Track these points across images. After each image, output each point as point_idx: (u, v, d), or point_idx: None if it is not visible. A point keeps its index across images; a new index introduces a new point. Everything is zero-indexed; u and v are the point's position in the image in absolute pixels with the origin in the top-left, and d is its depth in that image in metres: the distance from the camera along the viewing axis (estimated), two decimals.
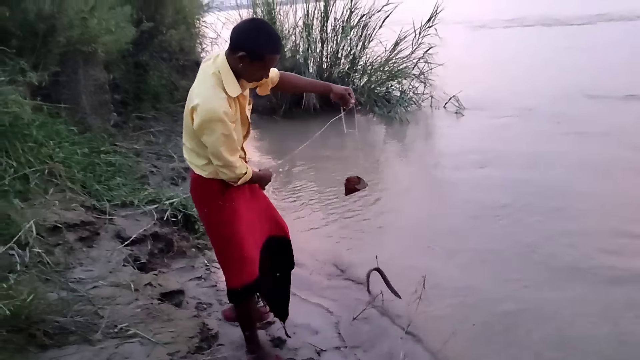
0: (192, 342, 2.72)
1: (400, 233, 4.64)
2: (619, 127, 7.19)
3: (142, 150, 6.26)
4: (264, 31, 2.31)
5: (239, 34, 2.32)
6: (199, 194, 2.64)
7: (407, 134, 8.25)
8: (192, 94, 2.39)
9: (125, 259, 3.65)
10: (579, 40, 15.85)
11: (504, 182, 5.59)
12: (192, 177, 2.65)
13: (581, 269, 3.81)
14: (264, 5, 9.72)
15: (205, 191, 2.58)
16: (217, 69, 2.36)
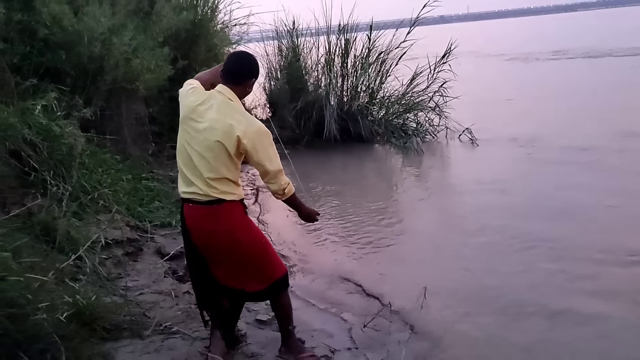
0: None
1: (409, 250, 5.14)
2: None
3: (177, 177, 6.84)
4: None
5: (244, 67, 2.80)
6: (232, 219, 2.79)
7: (423, 163, 8.73)
8: (221, 123, 2.64)
9: (165, 271, 4.19)
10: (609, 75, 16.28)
11: (506, 209, 6.03)
12: (202, 213, 2.74)
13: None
14: (288, 39, 10.41)
15: (237, 214, 2.82)
16: (228, 98, 2.72)
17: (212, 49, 9.23)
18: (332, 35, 10.20)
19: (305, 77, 10.21)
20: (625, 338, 3.49)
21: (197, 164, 2.70)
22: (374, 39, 10.00)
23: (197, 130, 2.70)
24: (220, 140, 2.65)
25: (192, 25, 8.33)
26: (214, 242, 2.82)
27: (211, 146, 2.66)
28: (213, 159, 2.68)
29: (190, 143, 2.72)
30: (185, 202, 2.81)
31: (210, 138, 2.66)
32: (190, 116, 2.74)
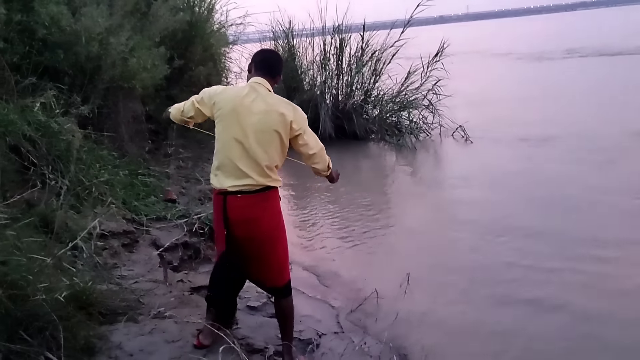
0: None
1: (397, 242, 5.35)
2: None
3: (173, 174, 7.00)
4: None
5: (279, 63, 3.06)
6: (276, 204, 2.95)
7: (416, 160, 8.89)
8: (273, 113, 2.80)
9: (160, 261, 4.33)
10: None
11: (494, 204, 6.22)
12: (251, 201, 2.82)
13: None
14: (284, 39, 10.58)
15: (277, 201, 2.96)
16: (267, 89, 2.90)
17: (208, 49, 9.39)
18: (327, 36, 10.37)
19: (300, 76, 10.38)
20: (596, 327, 3.64)
21: (253, 154, 2.79)
22: (368, 39, 10.16)
23: (249, 123, 2.79)
24: (277, 129, 2.81)
25: (188, 26, 8.49)
26: (257, 231, 2.89)
27: (267, 135, 2.80)
28: (269, 147, 2.81)
29: (242, 135, 2.80)
30: (230, 194, 2.83)
31: (267, 128, 2.79)
32: (238, 110, 2.82)
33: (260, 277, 3.10)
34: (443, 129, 10.08)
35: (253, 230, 2.88)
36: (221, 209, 2.88)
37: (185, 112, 3.15)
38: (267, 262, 3.01)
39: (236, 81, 11.13)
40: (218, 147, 2.91)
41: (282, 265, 3.07)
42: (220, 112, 2.88)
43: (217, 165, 2.90)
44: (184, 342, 3.12)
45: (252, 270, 3.06)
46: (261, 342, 3.38)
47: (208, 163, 8.12)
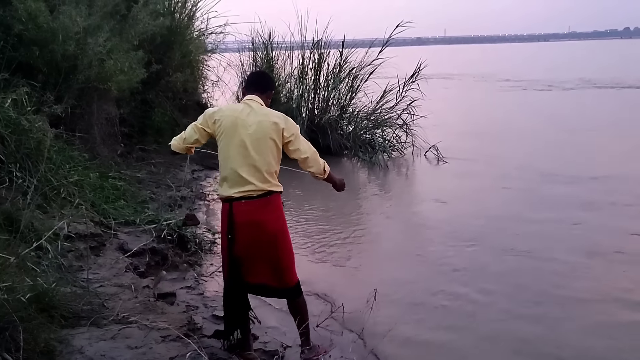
0: (181, 331, 3.32)
1: (365, 257, 5.43)
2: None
3: (144, 179, 6.93)
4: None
5: (268, 80, 3.44)
6: (277, 210, 3.19)
7: (387, 178, 8.98)
8: (269, 119, 3.11)
9: (127, 266, 4.28)
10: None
11: (464, 221, 6.34)
12: (256, 205, 3.08)
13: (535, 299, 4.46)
14: (263, 50, 10.63)
15: (279, 205, 3.23)
16: (260, 103, 3.20)
17: (186, 56, 9.39)
18: (306, 50, 10.44)
19: (278, 88, 10.41)
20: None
21: (253, 161, 3.06)
22: (346, 56, 10.27)
23: (247, 133, 3.08)
24: (271, 136, 3.10)
25: (168, 31, 8.48)
26: (261, 233, 3.11)
27: (264, 142, 3.09)
28: (266, 154, 3.10)
29: (242, 145, 3.07)
30: (235, 201, 3.08)
31: (262, 136, 3.09)
32: (236, 122, 3.11)
33: (270, 280, 3.25)
34: (416, 149, 10.21)
35: (258, 233, 3.11)
36: (227, 216, 3.12)
37: (188, 139, 3.31)
38: (275, 263, 3.21)
39: (213, 89, 11.15)
40: (221, 160, 3.16)
41: (291, 266, 3.28)
42: (221, 127, 3.14)
43: (223, 177, 3.15)
44: (147, 348, 3.07)
45: (261, 276, 3.21)
46: (225, 353, 3.35)
47: (180, 169, 8.10)
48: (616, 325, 3.97)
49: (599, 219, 6.23)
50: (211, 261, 5.10)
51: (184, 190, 7.16)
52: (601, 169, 8.46)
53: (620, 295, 4.40)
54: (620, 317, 4.08)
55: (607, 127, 12.73)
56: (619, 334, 3.83)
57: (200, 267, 4.95)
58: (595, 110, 16.09)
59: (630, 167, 8.57)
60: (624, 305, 4.27)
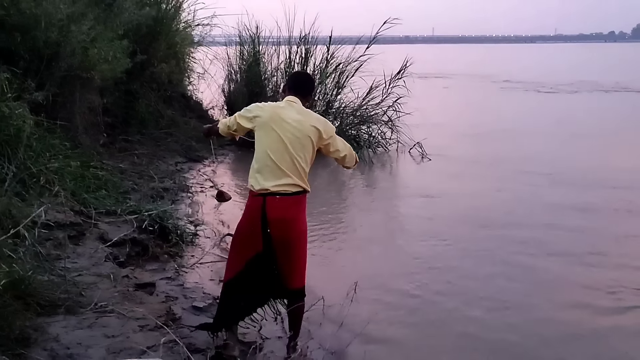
0: (159, 320, 3.30)
1: (347, 251, 5.48)
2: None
3: (126, 169, 6.87)
4: None
5: (310, 83, 3.58)
6: (304, 210, 3.26)
7: (372, 173, 9.01)
8: (308, 120, 3.19)
9: (106, 256, 4.24)
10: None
11: (441, 217, 6.44)
12: (289, 202, 3.12)
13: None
14: (250, 45, 10.59)
15: (305, 206, 3.28)
16: (299, 105, 3.27)
17: (172, 47, 9.33)
18: (293, 45, 10.41)
19: (264, 81, 10.38)
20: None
21: (291, 156, 3.12)
22: (333, 51, 10.26)
23: (287, 129, 3.14)
24: (310, 136, 3.17)
25: (154, 21, 8.40)
26: (292, 231, 3.17)
27: (303, 141, 3.15)
28: (304, 152, 3.16)
29: (281, 140, 3.13)
30: (269, 195, 3.09)
31: (302, 135, 3.15)
32: (276, 118, 3.17)
33: (285, 279, 3.25)
34: (401, 146, 10.25)
35: (288, 231, 3.15)
36: (259, 210, 3.10)
37: (231, 126, 3.38)
38: (295, 263, 3.25)
39: (199, 82, 11.09)
40: (259, 151, 3.17)
41: (304, 268, 3.34)
42: (260, 120, 3.20)
43: (258, 168, 3.15)
44: (124, 337, 3.06)
45: (285, 274, 3.22)
46: (203, 343, 3.34)
47: (163, 161, 8.05)
48: (593, 331, 3.99)
49: (580, 222, 6.27)
50: (192, 253, 5.07)
51: (166, 182, 7.13)
52: (592, 172, 8.52)
53: (594, 302, 4.40)
54: (598, 323, 4.10)
55: (599, 129, 12.88)
56: (596, 341, 3.87)
57: (181, 258, 4.91)
58: (591, 113, 16.17)
59: (618, 172, 8.67)
60: (598, 311, 4.27)
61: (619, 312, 4.24)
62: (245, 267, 3.20)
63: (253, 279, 3.19)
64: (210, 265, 4.82)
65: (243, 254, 3.21)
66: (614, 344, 3.78)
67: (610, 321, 4.09)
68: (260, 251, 3.15)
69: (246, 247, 3.20)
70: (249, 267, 3.18)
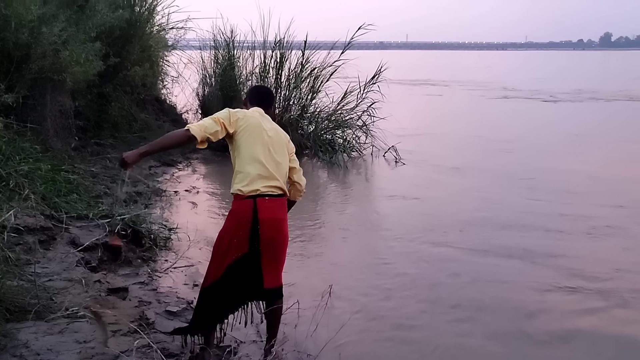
0: (132, 325, 3.26)
1: (323, 254, 5.52)
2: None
3: (99, 173, 6.78)
4: None
5: (270, 96, 3.61)
6: (285, 213, 3.28)
7: (347, 177, 9.06)
8: (280, 132, 3.35)
9: (78, 261, 4.18)
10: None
11: (420, 219, 6.51)
12: (277, 204, 3.18)
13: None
14: (225, 49, 10.56)
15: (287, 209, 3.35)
16: (267, 117, 3.38)
17: (146, 50, 9.24)
18: (268, 50, 10.42)
19: (239, 85, 10.35)
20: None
21: (276, 160, 3.20)
22: (308, 56, 10.29)
23: (269, 137, 3.22)
24: (286, 144, 3.34)
25: (127, 24, 8.31)
26: (280, 232, 3.22)
27: (283, 149, 3.29)
28: (284, 157, 3.28)
29: (266, 145, 3.19)
30: (258, 197, 3.10)
31: (281, 141, 3.29)
32: (259, 124, 3.22)
33: (265, 279, 3.22)
34: (375, 150, 10.33)
35: (278, 231, 3.19)
36: (250, 212, 3.09)
37: (210, 129, 3.13)
38: (277, 263, 3.29)
39: (173, 85, 11.00)
40: (246, 155, 3.15)
41: (282, 268, 3.36)
42: (246, 124, 3.20)
43: (247, 172, 3.12)
44: (96, 342, 3.02)
45: (266, 274, 3.22)
46: (177, 348, 3.32)
47: (136, 165, 7.91)
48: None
49: (551, 227, 6.34)
50: (166, 257, 5.02)
51: (140, 186, 7.05)
52: (568, 180, 8.59)
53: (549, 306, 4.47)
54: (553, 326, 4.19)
55: (569, 137, 13.12)
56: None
57: (155, 263, 4.86)
58: (562, 120, 16.43)
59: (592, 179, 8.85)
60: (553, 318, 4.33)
61: (582, 314, 4.34)
62: (225, 272, 3.15)
63: (232, 283, 3.16)
64: (184, 269, 4.78)
65: (224, 259, 3.15)
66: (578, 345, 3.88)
67: (571, 323, 4.18)
68: (245, 252, 3.12)
69: (229, 252, 3.14)
70: (228, 272, 3.14)
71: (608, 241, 5.92)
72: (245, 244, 3.11)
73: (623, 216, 6.71)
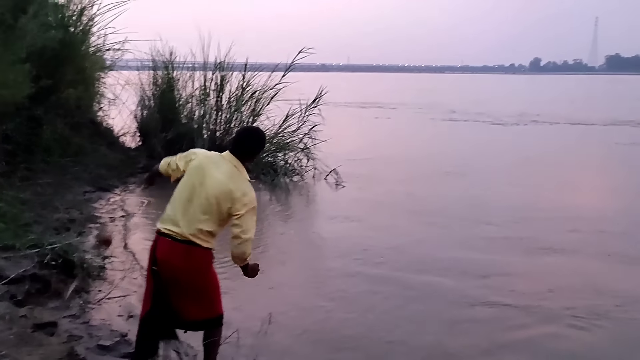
0: None
1: (263, 280, 5.26)
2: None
3: (28, 200, 6.47)
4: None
5: (251, 146, 3.21)
6: (198, 263, 3.12)
7: (288, 200, 9.06)
8: (227, 183, 3.01)
9: (2, 295, 3.95)
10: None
11: (359, 242, 6.54)
12: (177, 249, 3.03)
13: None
14: (164, 70, 10.42)
15: (206, 260, 3.16)
16: (234, 166, 3.08)
17: (81, 71, 8.99)
18: (209, 71, 10.36)
19: (178, 108, 10.21)
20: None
21: (193, 211, 3.03)
22: (249, 78, 10.29)
23: (203, 183, 3.04)
24: (219, 201, 3.00)
25: (60, 45, 8.07)
26: (179, 275, 3.06)
27: (210, 201, 3.01)
28: (208, 213, 3.02)
29: (193, 192, 3.05)
30: (161, 236, 3.07)
31: (212, 195, 3.00)
32: (201, 169, 3.08)
33: (185, 311, 3.16)
34: (317, 173, 10.38)
35: (175, 273, 3.06)
36: (152, 248, 3.12)
37: (171, 164, 3.32)
38: (194, 299, 3.16)
39: (109, 108, 10.74)
40: (174, 194, 3.14)
41: (213, 300, 3.25)
42: (191, 165, 3.15)
43: (166, 209, 3.13)
44: None
45: (181, 308, 3.14)
46: None
47: (69, 191, 7.66)
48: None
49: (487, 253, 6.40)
50: (99, 287, 4.83)
51: (73, 212, 6.78)
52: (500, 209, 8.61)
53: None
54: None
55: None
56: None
57: (87, 294, 4.66)
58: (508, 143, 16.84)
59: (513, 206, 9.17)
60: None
61: (509, 330, 4.46)
62: (152, 302, 3.13)
63: (160, 313, 3.12)
64: (118, 300, 4.60)
65: (149, 290, 3.17)
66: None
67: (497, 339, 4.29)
68: (153, 284, 3.13)
69: (149, 283, 3.18)
70: (154, 302, 3.13)
71: (546, 262, 6.06)
72: (150, 277, 3.14)
73: (568, 239, 6.84)
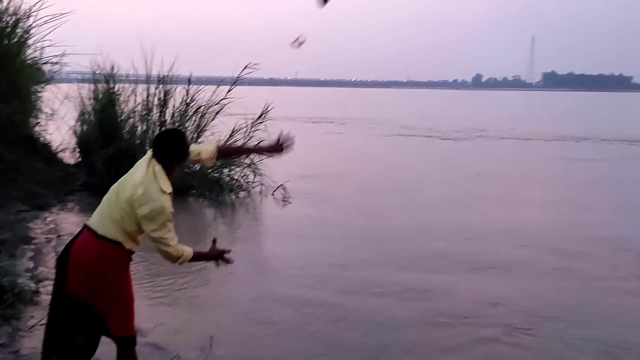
0: None
1: (206, 301, 5.35)
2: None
3: None
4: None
5: (166, 148, 3.02)
6: (111, 263, 2.97)
7: (234, 217, 8.97)
8: (136, 187, 2.90)
9: None
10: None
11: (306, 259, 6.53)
12: (103, 245, 2.90)
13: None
14: (105, 84, 10.15)
15: (119, 261, 3.00)
16: (153, 171, 2.95)
17: (15, 85, 8.65)
18: (152, 85, 10.15)
19: (120, 123, 9.95)
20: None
21: (110, 211, 2.95)
22: (194, 93, 10.15)
23: (124, 183, 2.99)
24: (125, 200, 2.93)
25: None
26: (85, 270, 2.91)
27: (119, 200, 2.95)
28: (122, 213, 2.93)
29: (118, 190, 2.99)
30: (85, 228, 2.99)
31: (122, 195, 2.94)
32: (133, 169, 3.03)
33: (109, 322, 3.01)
34: (264, 188, 10.30)
35: (80, 267, 2.92)
36: (76, 235, 3.04)
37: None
38: (110, 308, 3.00)
39: (47, 123, 10.37)
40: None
41: (125, 317, 3.07)
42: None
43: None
44: None
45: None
46: None
47: (1, 211, 7.29)
48: None
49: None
50: (32, 313, 4.58)
51: (5, 233, 6.46)
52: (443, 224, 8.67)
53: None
54: None
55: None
56: None
57: (18, 321, 4.41)
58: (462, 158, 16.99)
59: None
60: None
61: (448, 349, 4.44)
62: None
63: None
64: None
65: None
66: None
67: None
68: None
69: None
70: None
71: (491, 278, 6.08)
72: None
73: (518, 255, 6.90)
